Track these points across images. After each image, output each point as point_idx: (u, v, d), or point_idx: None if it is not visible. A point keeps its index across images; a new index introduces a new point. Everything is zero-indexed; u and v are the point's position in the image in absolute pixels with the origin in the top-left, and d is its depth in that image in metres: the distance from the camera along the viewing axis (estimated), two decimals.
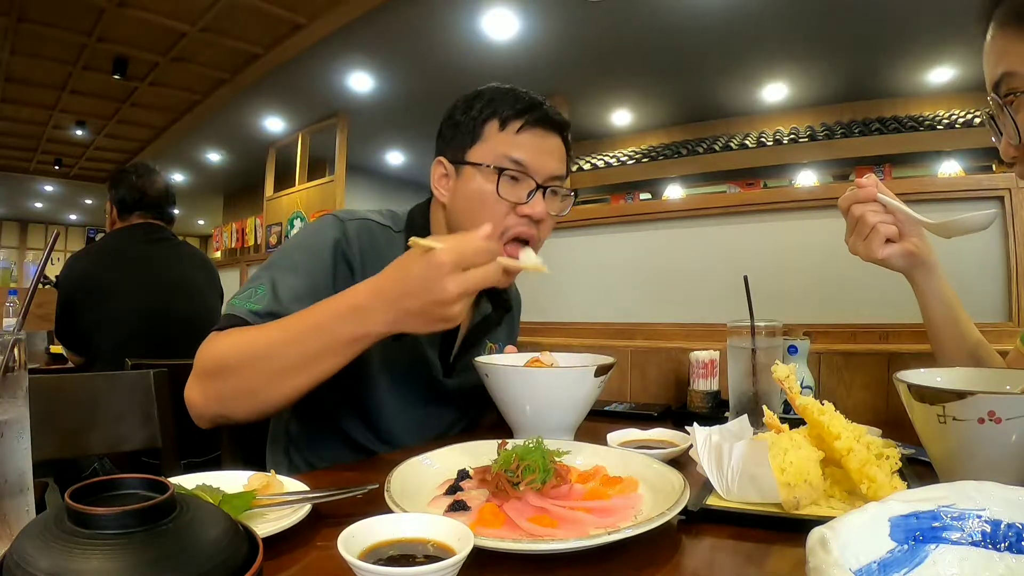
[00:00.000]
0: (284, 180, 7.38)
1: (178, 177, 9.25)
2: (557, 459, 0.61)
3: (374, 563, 0.42)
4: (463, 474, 0.65)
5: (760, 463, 0.59)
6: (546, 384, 0.89)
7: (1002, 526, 0.38)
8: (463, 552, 0.43)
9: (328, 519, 0.60)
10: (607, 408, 1.29)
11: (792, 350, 1.18)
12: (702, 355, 1.22)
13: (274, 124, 7.08)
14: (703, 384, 1.22)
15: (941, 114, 5.39)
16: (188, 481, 0.62)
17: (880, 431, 0.80)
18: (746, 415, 0.76)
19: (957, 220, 0.86)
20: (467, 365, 1.04)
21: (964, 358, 0.92)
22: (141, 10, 4.56)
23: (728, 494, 0.62)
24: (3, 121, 6.94)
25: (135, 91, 6.17)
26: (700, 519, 0.60)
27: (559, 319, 1.83)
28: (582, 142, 7.18)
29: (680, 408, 1.26)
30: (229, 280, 3.31)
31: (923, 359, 1.01)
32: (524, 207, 0.91)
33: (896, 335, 1.33)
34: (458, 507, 0.58)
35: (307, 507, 0.59)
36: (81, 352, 2.02)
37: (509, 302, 1.17)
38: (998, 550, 0.37)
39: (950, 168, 5.30)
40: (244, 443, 1.16)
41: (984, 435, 0.57)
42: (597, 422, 1.11)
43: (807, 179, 5.93)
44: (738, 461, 0.62)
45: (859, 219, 0.90)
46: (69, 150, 8.38)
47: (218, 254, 8.28)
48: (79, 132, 7.42)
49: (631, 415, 1.23)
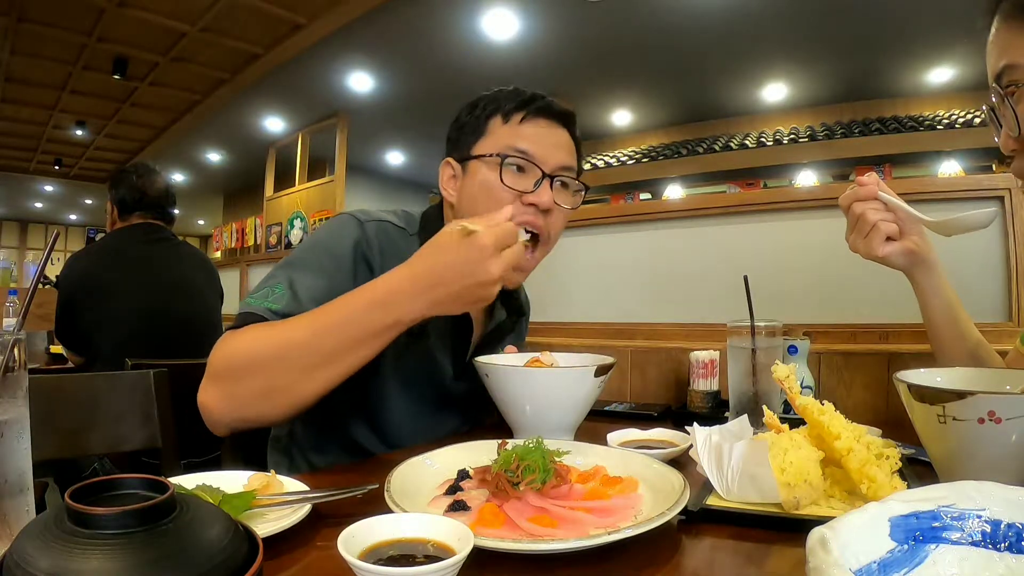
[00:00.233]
0: (284, 180, 7.38)
1: (178, 177, 9.25)
2: (557, 459, 0.61)
3: (374, 563, 0.42)
4: (463, 474, 0.65)
5: (760, 463, 0.59)
6: (546, 384, 0.89)
7: (1002, 526, 0.38)
8: (463, 552, 0.43)
9: (328, 519, 0.60)
10: (607, 408, 1.29)
11: (792, 350, 1.18)
12: (702, 355, 1.22)
13: (274, 124, 7.08)
14: (703, 384, 1.22)
15: (941, 114, 5.39)
16: (188, 481, 0.62)
17: (880, 431, 0.80)
18: (746, 415, 0.76)
19: (957, 218, 0.86)
20: (476, 372, 1.03)
21: (964, 357, 0.92)
22: (141, 10, 4.56)
23: (728, 494, 0.62)
24: (3, 121, 6.94)
25: (135, 91, 6.17)
26: (700, 519, 0.60)
27: (559, 319, 1.83)
28: (582, 142, 7.18)
29: (680, 408, 1.26)
30: (229, 280, 3.31)
31: (923, 359, 1.01)
32: (530, 195, 0.90)
33: (896, 335, 1.33)
34: (458, 507, 0.58)
35: (307, 507, 0.58)
36: (81, 352, 2.02)
37: (523, 307, 1.16)
38: (998, 550, 0.37)
39: (950, 168, 5.30)
40: (244, 443, 1.16)
41: (984, 435, 0.57)
42: (597, 422, 1.11)
43: (807, 179, 5.93)
44: (738, 461, 0.62)
45: (860, 217, 0.90)
46: (69, 150, 8.39)
47: (218, 254, 8.28)
48: (79, 132, 7.42)
49: (631, 415, 1.23)
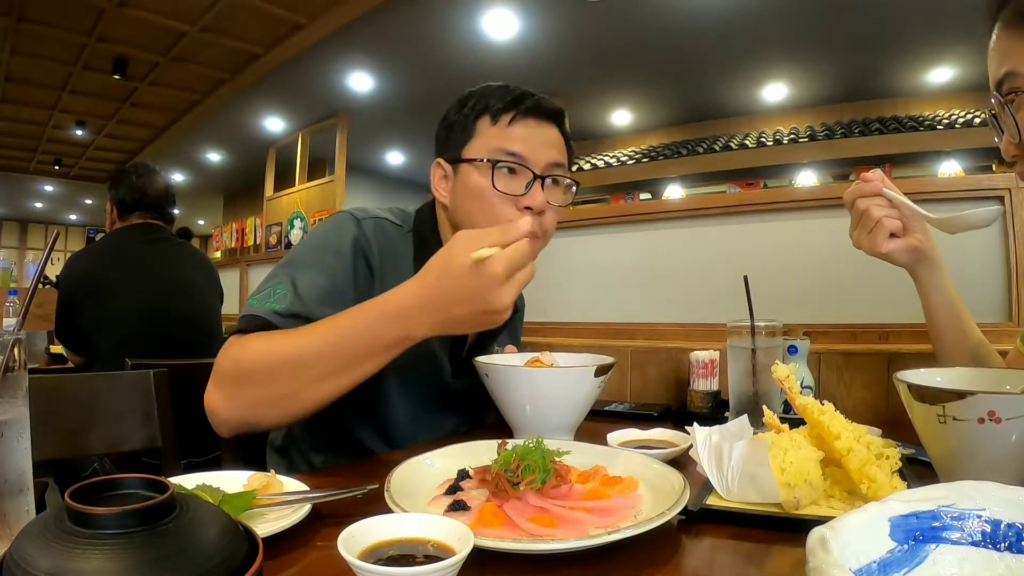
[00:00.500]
0: (284, 180, 7.38)
1: (178, 177, 9.25)
2: (557, 459, 0.61)
3: (374, 563, 0.42)
4: (463, 474, 0.64)
5: (760, 463, 0.59)
6: (546, 384, 0.89)
7: (1002, 526, 0.38)
8: (463, 552, 0.43)
9: (328, 519, 0.60)
10: (607, 408, 1.29)
11: (792, 350, 1.18)
12: (702, 355, 1.22)
13: (274, 124, 7.08)
14: (703, 384, 1.22)
15: (941, 114, 5.39)
16: (188, 481, 0.62)
17: (880, 431, 0.80)
18: (746, 415, 0.76)
19: (961, 216, 0.85)
20: (474, 369, 1.03)
21: (965, 357, 0.92)
22: (141, 10, 4.56)
23: (728, 494, 0.62)
24: (3, 121, 6.94)
25: (135, 91, 6.17)
26: (700, 519, 0.60)
27: (559, 319, 1.83)
28: (582, 142, 7.18)
29: (680, 408, 1.26)
30: (229, 280, 3.32)
31: (923, 359, 1.01)
32: (524, 199, 0.90)
33: (896, 335, 1.33)
34: (458, 507, 0.58)
35: (307, 507, 0.58)
36: (81, 352, 2.02)
37: (517, 303, 1.16)
38: (998, 550, 0.37)
39: (950, 168, 5.31)
40: (244, 443, 1.16)
41: (984, 435, 0.57)
42: (597, 422, 1.11)
43: (807, 179, 5.93)
44: (738, 461, 0.62)
45: (864, 213, 0.89)
46: (69, 150, 8.38)
47: (218, 254, 8.28)
48: (79, 132, 7.42)
49: (631, 415, 1.23)
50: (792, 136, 5.92)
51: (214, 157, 8.52)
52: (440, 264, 0.70)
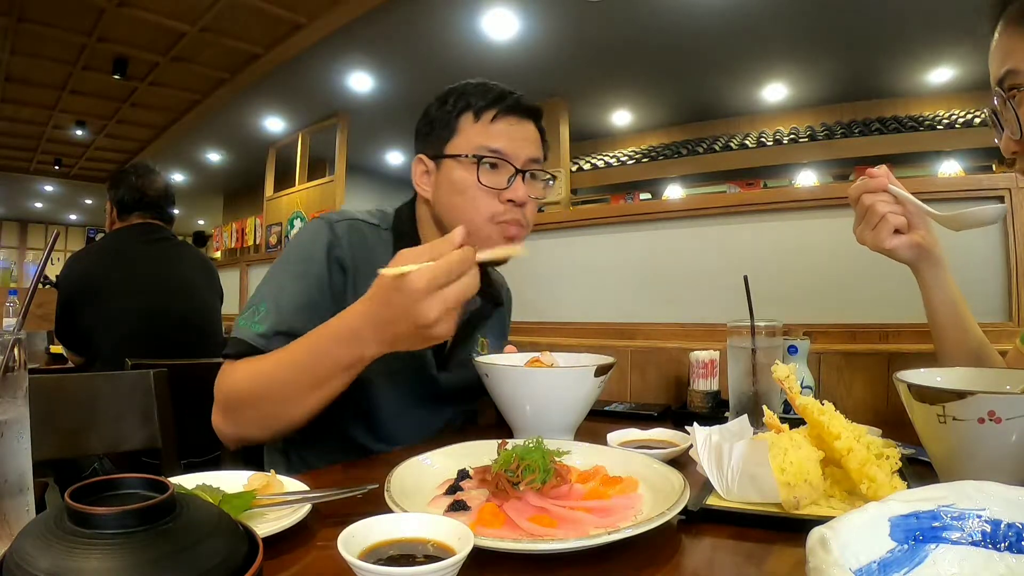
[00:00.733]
0: (284, 180, 7.38)
1: (178, 177, 9.25)
2: (557, 459, 0.61)
3: (374, 563, 0.42)
4: (463, 474, 0.65)
5: (760, 463, 0.59)
6: (546, 384, 0.89)
7: (1002, 526, 0.38)
8: (463, 552, 0.43)
9: (328, 519, 0.60)
10: (607, 408, 1.29)
11: (792, 350, 1.18)
12: (702, 355, 1.22)
13: (274, 124, 7.08)
14: (703, 384, 1.22)
15: (941, 114, 5.39)
16: (188, 481, 0.62)
17: (880, 431, 0.79)
18: (746, 415, 0.76)
19: (966, 213, 0.85)
20: (460, 361, 1.05)
21: (967, 356, 0.92)
22: (141, 10, 4.56)
23: (728, 494, 0.62)
24: (3, 121, 6.94)
25: (135, 91, 6.17)
26: (700, 519, 0.60)
27: (559, 319, 1.83)
28: (582, 142, 7.18)
29: (680, 408, 1.26)
30: (229, 280, 3.32)
31: (924, 359, 1.01)
32: (506, 192, 0.93)
33: (896, 335, 1.33)
34: (458, 507, 0.58)
35: (307, 507, 0.58)
36: (81, 352, 2.02)
37: (499, 296, 1.17)
38: (998, 550, 0.37)
39: (950, 168, 5.31)
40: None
41: (984, 435, 0.57)
42: (597, 422, 1.11)
43: (807, 179, 5.94)
44: (738, 461, 0.62)
45: (869, 208, 0.89)
46: (69, 150, 8.38)
47: (218, 254, 8.28)
48: (79, 132, 7.42)
49: (631, 415, 1.23)
50: (792, 136, 5.92)
51: (214, 157, 8.52)
52: (378, 282, 0.71)
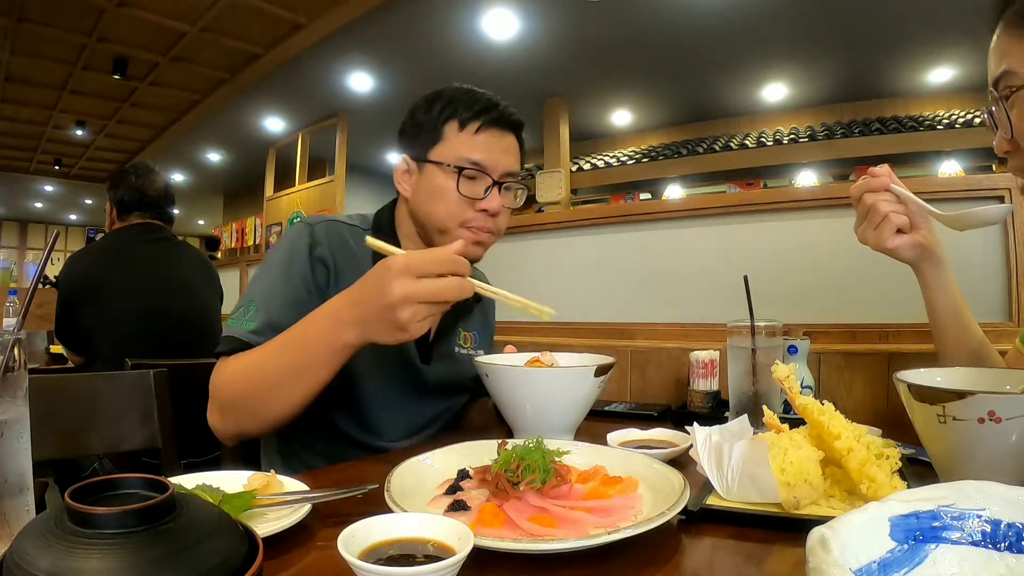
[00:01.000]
0: (284, 180, 7.38)
1: (178, 177, 9.25)
2: (557, 459, 0.61)
3: (374, 563, 0.42)
4: (463, 474, 0.65)
5: (760, 463, 0.59)
6: (546, 384, 0.89)
7: (1002, 526, 0.38)
8: (463, 552, 0.43)
9: (328, 519, 0.60)
10: (607, 408, 1.29)
11: (792, 350, 1.18)
12: (702, 355, 1.22)
13: (274, 124, 7.08)
14: (703, 384, 1.22)
15: (941, 114, 5.40)
16: (188, 481, 0.62)
17: (880, 431, 0.79)
18: (746, 415, 0.76)
19: (970, 212, 0.85)
20: (443, 354, 1.09)
21: (967, 356, 0.92)
22: (141, 10, 4.56)
23: (728, 494, 0.62)
24: (3, 121, 6.94)
25: (135, 91, 6.17)
26: (700, 519, 0.60)
27: (559, 319, 1.83)
28: (582, 142, 7.18)
29: (680, 408, 1.26)
30: (229, 280, 3.31)
31: (924, 359, 1.01)
32: (482, 203, 0.98)
33: (896, 335, 1.33)
34: (458, 507, 0.58)
35: (307, 507, 0.59)
36: (81, 352, 2.02)
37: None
38: (998, 550, 0.37)
39: (950, 168, 5.31)
40: (244, 443, 1.16)
41: (984, 435, 0.57)
42: (597, 422, 1.11)
43: (807, 179, 5.94)
44: (738, 461, 0.62)
45: (871, 207, 0.89)
46: (69, 150, 8.38)
47: (218, 254, 8.28)
48: (79, 132, 7.42)
49: (631, 415, 1.23)
50: (792, 136, 5.92)
51: (214, 157, 8.52)
52: (369, 271, 0.75)
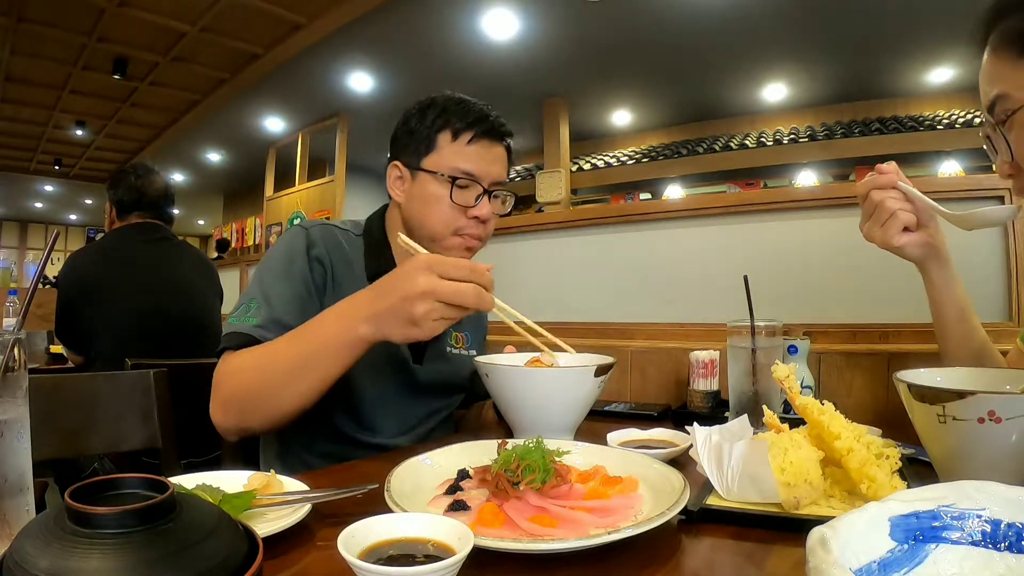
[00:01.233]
0: (284, 180, 7.38)
1: (178, 177, 9.25)
2: (557, 459, 0.61)
3: (374, 563, 0.42)
4: (463, 474, 0.64)
5: (760, 463, 0.59)
6: (546, 384, 0.89)
7: (1002, 526, 0.38)
8: (463, 552, 0.43)
9: (328, 519, 0.60)
10: (607, 408, 1.29)
11: (792, 350, 1.18)
12: (702, 355, 1.22)
13: (274, 124, 7.08)
14: (703, 384, 1.22)
15: (941, 114, 5.40)
16: (188, 481, 0.62)
17: (880, 431, 0.79)
18: (746, 415, 0.76)
19: (977, 212, 0.84)
20: (435, 354, 1.11)
21: (970, 355, 0.91)
22: (141, 10, 4.57)
23: (728, 494, 0.62)
24: (3, 121, 6.94)
25: (135, 91, 6.18)
26: (700, 519, 0.60)
27: (559, 319, 1.83)
28: (582, 142, 7.18)
29: (680, 408, 1.26)
30: (229, 280, 3.31)
31: (923, 359, 1.01)
32: (473, 210, 1.02)
33: (896, 335, 1.33)
34: (458, 507, 0.58)
35: (307, 507, 0.58)
36: (81, 352, 2.02)
37: None
38: (998, 550, 0.37)
39: (950, 168, 5.31)
40: (244, 443, 1.17)
41: (984, 435, 0.57)
42: (597, 422, 1.11)
43: (807, 179, 5.94)
44: (738, 461, 0.62)
45: (878, 204, 0.88)
46: (69, 150, 8.39)
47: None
48: (79, 132, 7.42)
49: (631, 415, 1.23)
50: (792, 136, 5.92)
51: (214, 157, 8.52)
52: (395, 268, 0.79)
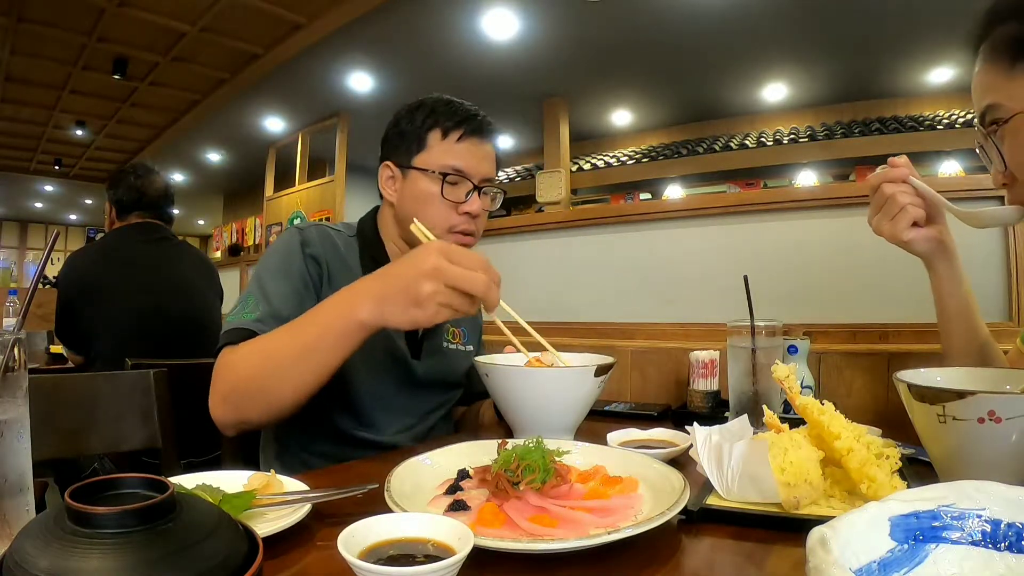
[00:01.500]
0: (284, 180, 7.37)
1: (178, 177, 9.25)
2: (557, 459, 0.61)
3: (374, 563, 0.42)
4: (463, 474, 0.65)
5: (760, 463, 0.59)
6: (546, 384, 0.89)
7: (1002, 526, 0.38)
8: (463, 552, 0.43)
9: (328, 519, 0.60)
10: (607, 408, 1.29)
11: (792, 350, 1.18)
12: (702, 355, 1.22)
13: (274, 124, 7.07)
14: (703, 384, 1.22)
15: (941, 114, 5.39)
16: (188, 481, 0.62)
17: (880, 431, 0.79)
18: (746, 415, 0.76)
19: (988, 211, 0.84)
20: (432, 349, 1.13)
21: (973, 354, 0.91)
22: (141, 10, 4.56)
23: (728, 494, 0.62)
24: (3, 121, 6.93)
25: (135, 91, 6.17)
26: (700, 519, 0.60)
27: (559, 319, 1.83)
28: (582, 142, 7.18)
29: (680, 408, 1.26)
30: (229, 280, 3.31)
31: (923, 359, 1.01)
32: (464, 206, 1.05)
33: (896, 335, 1.33)
34: (458, 507, 0.58)
35: (307, 507, 0.59)
36: (81, 352, 2.02)
37: None
38: (998, 550, 0.37)
39: (950, 168, 5.30)
40: (244, 443, 1.17)
41: (984, 435, 0.57)
42: (597, 422, 1.11)
43: (807, 179, 5.93)
44: (738, 461, 0.62)
45: (889, 198, 0.88)
46: (69, 150, 8.38)
47: (218, 254, 8.28)
48: (79, 132, 7.41)
49: (631, 415, 1.23)
50: (792, 136, 5.92)
51: (214, 157, 8.52)
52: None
